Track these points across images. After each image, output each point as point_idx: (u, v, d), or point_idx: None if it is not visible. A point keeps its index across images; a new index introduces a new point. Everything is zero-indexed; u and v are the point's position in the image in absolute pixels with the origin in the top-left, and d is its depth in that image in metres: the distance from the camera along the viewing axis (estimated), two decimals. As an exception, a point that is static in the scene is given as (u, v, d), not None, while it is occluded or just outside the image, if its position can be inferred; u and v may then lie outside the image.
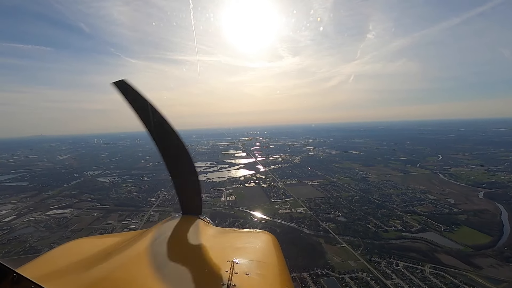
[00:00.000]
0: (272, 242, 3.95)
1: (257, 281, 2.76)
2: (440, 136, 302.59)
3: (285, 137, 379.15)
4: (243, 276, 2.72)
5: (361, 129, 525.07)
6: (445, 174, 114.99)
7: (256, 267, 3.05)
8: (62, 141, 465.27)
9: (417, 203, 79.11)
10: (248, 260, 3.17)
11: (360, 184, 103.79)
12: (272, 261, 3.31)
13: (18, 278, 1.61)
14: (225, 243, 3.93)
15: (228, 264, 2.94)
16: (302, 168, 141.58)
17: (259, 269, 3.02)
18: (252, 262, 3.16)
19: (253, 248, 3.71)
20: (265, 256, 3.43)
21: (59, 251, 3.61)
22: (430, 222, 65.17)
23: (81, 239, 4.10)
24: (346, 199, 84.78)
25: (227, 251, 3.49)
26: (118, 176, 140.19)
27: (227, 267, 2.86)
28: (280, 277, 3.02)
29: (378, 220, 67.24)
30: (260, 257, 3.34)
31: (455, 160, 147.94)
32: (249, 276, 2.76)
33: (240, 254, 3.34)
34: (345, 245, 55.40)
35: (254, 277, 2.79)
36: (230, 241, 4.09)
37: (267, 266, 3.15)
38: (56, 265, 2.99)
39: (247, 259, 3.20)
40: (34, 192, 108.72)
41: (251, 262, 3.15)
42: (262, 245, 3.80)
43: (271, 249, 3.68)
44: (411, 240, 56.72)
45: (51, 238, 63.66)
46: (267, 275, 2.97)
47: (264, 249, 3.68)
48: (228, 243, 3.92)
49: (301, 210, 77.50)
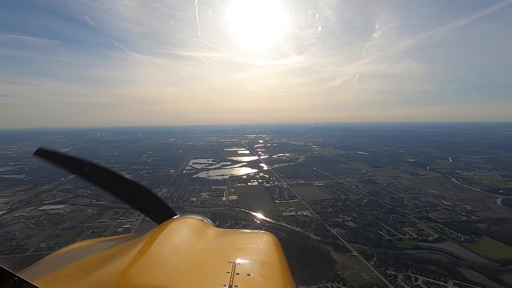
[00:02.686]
0: (273, 242, 3.92)
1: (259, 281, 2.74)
2: (448, 138, 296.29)
3: (288, 136, 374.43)
4: (245, 277, 2.69)
5: (365, 130, 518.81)
6: (458, 178, 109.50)
7: (258, 267, 3.02)
8: (65, 134, 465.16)
9: (431, 208, 73.97)
10: (250, 261, 3.15)
11: (368, 186, 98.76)
12: (274, 262, 3.28)
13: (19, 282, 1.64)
14: (226, 244, 3.84)
15: (230, 265, 2.91)
16: (307, 168, 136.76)
17: (261, 269, 2.98)
18: (253, 262, 3.14)
19: (255, 248, 3.66)
20: (267, 256, 3.41)
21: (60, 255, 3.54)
22: (448, 230, 60.08)
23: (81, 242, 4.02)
24: (354, 202, 79.85)
25: (228, 252, 3.44)
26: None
27: (229, 268, 2.84)
28: (282, 277, 2.98)
29: (391, 227, 62.32)
30: (261, 258, 3.32)
31: (467, 163, 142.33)
32: (251, 277, 2.74)
33: (242, 255, 3.29)
34: (357, 254, 50.57)
35: (256, 278, 2.77)
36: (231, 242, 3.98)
37: (269, 267, 3.12)
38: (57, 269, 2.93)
39: (248, 260, 3.17)
40: (30, 186, 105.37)
41: (252, 262, 3.13)
42: (263, 245, 3.76)
43: (272, 250, 3.65)
44: (429, 251, 51.69)
45: (39, 236, 59.55)
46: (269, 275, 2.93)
47: (266, 249, 3.64)
48: (229, 244, 3.83)
49: (307, 212, 72.76)
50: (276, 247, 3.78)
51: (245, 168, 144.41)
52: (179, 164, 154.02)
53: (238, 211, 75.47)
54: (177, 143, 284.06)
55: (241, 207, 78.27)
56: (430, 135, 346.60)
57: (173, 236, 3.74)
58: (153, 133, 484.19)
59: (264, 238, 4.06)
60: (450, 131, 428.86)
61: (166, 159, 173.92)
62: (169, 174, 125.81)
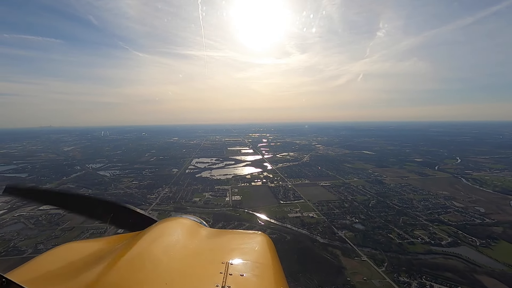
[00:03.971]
0: (266, 242, 3.89)
1: (252, 282, 2.74)
2: (454, 137, 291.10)
3: (292, 135, 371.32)
4: (238, 277, 2.69)
5: (370, 129, 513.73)
6: (468, 178, 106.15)
7: (251, 268, 3.01)
8: (69, 133, 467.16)
9: (442, 210, 71.09)
10: (243, 261, 3.12)
11: (375, 186, 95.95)
12: (267, 262, 3.26)
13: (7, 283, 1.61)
14: (219, 244, 3.78)
15: (223, 265, 2.90)
16: (312, 167, 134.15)
17: (254, 270, 2.97)
18: (246, 263, 3.11)
19: (248, 249, 3.63)
20: (260, 257, 3.38)
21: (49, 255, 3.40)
22: (462, 234, 57.30)
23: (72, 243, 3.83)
24: (362, 203, 77.22)
25: (222, 252, 3.40)
26: (119, 169, 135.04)
27: (222, 268, 2.82)
28: (275, 278, 2.97)
29: (401, 230, 59.70)
30: (254, 258, 3.29)
31: (476, 163, 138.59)
32: (244, 277, 2.73)
33: (235, 255, 3.27)
34: (366, 259, 48.09)
35: (249, 278, 2.76)
36: (224, 242, 3.91)
37: (262, 267, 3.09)
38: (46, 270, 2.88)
39: (241, 260, 3.15)
40: (31, 185, 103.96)
41: (245, 263, 3.11)
42: (256, 246, 3.73)
43: (265, 250, 3.62)
44: (444, 256, 49.03)
45: (38, 237, 58.06)
46: (262, 276, 2.92)
47: (259, 250, 3.61)
48: (222, 245, 3.77)
49: (313, 214, 70.35)
50: (269, 247, 3.74)
51: (248, 167, 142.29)
52: (182, 163, 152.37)
53: (242, 212, 73.33)
54: (180, 142, 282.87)
55: (245, 208, 76.11)
56: (436, 135, 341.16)
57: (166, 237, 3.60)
58: (156, 132, 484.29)
59: (257, 239, 4.01)
60: (455, 130, 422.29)
61: (169, 158, 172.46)
62: (171, 174, 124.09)
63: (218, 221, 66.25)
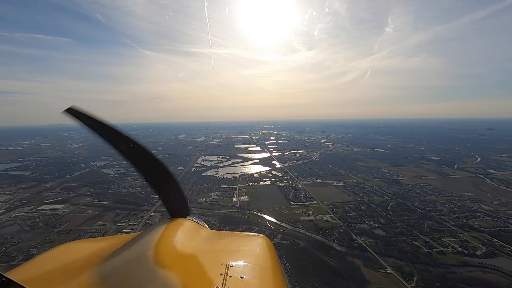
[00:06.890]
0: (266, 245, 3.85)
1: (252, 284, 2.73)
2: (469, 135, 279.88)
3: (300, 132, 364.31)
4: (238, 280, 2.69)
5: (379, 126, 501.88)
6: (492, 179, 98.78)
7: (251, 270, 3.00)
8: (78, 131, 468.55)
9: (470, 214, 64.67)
10: (243, 264, 3.11)
11: (393, 187, 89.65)
12: (267, 265, 3.24)
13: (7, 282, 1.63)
14: (219, 246, 3.77)
15: (223, 267, 2.89)
16: (323, 166, 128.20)
17: (253, 272, 2.97)
18: (246, 265, 3.10)
19: (248, 251, 3.63)
20: (260, 259, 3.36)
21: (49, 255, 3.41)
22: (498, 242, 51.02)
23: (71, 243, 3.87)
24: (380, 206, 71.28)
25: (222, 254, 3.41)
26: (124, 168, 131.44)
27: (222, 270, 2.81)
28: (275, 281, 2.95)
29: (427, 236, 53.74)
30: (255, 261, 3.27)
31: (498, 162, 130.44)
32: (244, 280, 2.73)
33: (235, 257, 3.25)
34: (392, 272, 42.46)
35: (249, 281, 2.75)
36: (224, 244, 3.90)
37: (262, 270, 3.08)
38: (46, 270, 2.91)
39: (241, 262, 3.14)
40: (34, 183, 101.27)
41: (245, 265, 3.10)
42: (257, 248, 3.71)
43: (266, 253, 3.60)
44: (481, 269, 43.02)
45: (32, 240, 54.25)
46: (262, 278, 2.90)
47: (259, 252, 3.59)
48: (222, 246, 3.77)
49: (327, 217, 64.82)
50: (270, 250, 3.73)
51: (256, 165, 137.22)
52: (188, 161, 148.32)
53: (250, 214, 68.34)
54: (187, 140, 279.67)
55: (253, 209, 71.13)
56: (449, 132, 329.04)
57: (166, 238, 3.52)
58: (163, 129, 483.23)
59: (258, 241, 3.98)
60: (469, 127, 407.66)
61: (175, 155, 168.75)
62: (177, 172, 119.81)
63: (224, 225, 61.42)
